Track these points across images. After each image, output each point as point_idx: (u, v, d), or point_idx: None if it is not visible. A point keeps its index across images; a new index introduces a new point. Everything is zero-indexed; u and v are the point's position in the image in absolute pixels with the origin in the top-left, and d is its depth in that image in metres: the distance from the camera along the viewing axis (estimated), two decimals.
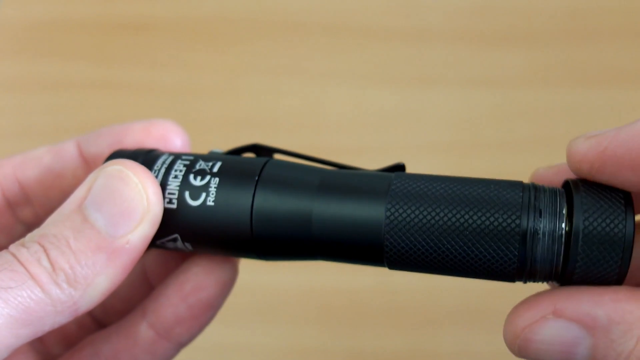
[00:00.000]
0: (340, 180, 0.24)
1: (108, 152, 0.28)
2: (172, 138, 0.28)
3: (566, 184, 0.23)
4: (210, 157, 0.26)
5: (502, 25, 0.54)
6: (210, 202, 0.24)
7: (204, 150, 0.29)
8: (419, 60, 0.53)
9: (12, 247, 0.22)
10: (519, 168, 0.50)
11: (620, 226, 0.21)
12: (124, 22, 0.55)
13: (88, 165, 0.28)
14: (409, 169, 0.26)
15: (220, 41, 0.54)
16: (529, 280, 0.23)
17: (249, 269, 0.35)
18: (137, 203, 0.23)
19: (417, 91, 0.52)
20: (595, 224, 0.21)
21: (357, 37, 0.54)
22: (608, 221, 0.21)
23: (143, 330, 0.28)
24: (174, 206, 0.25)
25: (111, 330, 0.29)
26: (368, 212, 0.23)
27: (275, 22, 0.55)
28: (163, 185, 0.25)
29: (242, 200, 0.24)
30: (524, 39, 0.53)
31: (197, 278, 0.27)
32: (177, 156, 0.26)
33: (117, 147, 0.28)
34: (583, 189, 0.22)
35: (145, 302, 0.29)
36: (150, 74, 0.54)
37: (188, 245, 0.26)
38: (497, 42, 0.53)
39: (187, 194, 0.25)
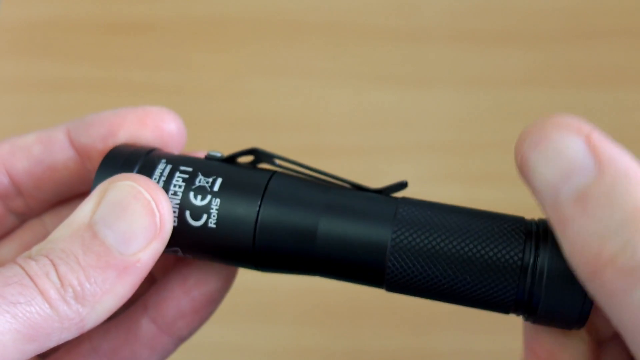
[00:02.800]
0: (347, 200, 0.24)
1: (101, 144, 0.27)
2: (168, 127, 0.28)
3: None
4: (210, 169, 0.25)
5: (502, 25, 0.54)
6: (212, 225, 0.24)
7: (200, 149, 0.28)
8: (419, 60, 0.53)
9: (20, 260, 0.22)
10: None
11: None
12: (124, 22, 0.55)
13: (80, 156, 0.28)
14: (409, 169, 0.26)
15: (220, 41, 0.54)
16: (525, 315, 0.23)
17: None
18: (150, 221, 0.23)
19: (417, 91, 0.52)
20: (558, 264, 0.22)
21: (357, 37, 0.54)
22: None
23: (144, 325, 0.28)
24: (175, 224, 0.25)
25: (110, 324, 0.28)
26: (374, 234, 0.23)
27: (275, 22, 0.55)
28: None
29: (244, 223, 0.24)
30: (524, 39, 0.53)
31: (199, 272, 0.27)
32: (175, 165, 0.25)
33: (110, 138, 0.27)
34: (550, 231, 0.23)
35: (146, 297, 0.28)
36: (150, 74, 0.54)
37: (189, 256, 0.26)
38: (497, 42, 0.53)
39: (187, 213, 0.25)
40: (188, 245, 0.25)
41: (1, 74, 0.54)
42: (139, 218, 0.23)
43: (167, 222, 0.24)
